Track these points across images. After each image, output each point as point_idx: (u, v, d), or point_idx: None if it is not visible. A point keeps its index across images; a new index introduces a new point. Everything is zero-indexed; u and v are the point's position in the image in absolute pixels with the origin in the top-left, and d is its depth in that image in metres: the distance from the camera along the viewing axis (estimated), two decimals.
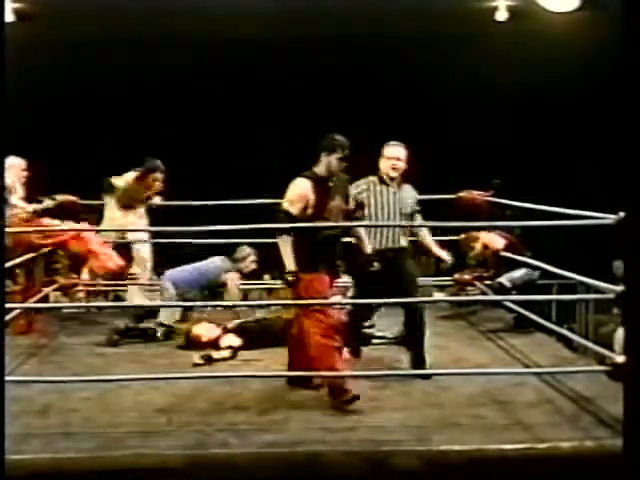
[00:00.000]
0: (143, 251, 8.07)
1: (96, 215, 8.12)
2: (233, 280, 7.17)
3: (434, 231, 7.39)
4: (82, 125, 7.91)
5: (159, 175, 7.76)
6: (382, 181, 5.98)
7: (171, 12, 8.96)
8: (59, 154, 9.83)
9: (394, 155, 6.01)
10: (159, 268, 8.15)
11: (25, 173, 7.70)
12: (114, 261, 7.18)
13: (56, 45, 9.68)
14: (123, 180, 7.76)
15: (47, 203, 7.62)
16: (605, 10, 8.24)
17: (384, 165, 6.00)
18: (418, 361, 5.73)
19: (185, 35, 9.71)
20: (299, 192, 5.19)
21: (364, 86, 11.89)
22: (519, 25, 9.75)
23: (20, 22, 9.04)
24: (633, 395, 3.47)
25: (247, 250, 7.25)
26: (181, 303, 7.07)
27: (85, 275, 7.75)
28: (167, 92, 11.77)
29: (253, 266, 7.32)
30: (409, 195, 6.06)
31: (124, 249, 7.83)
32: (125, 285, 8.19)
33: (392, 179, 5.99)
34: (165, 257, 10.94)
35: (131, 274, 8.22)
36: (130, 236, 8.02)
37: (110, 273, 7.51)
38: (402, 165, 6.00)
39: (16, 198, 7.40)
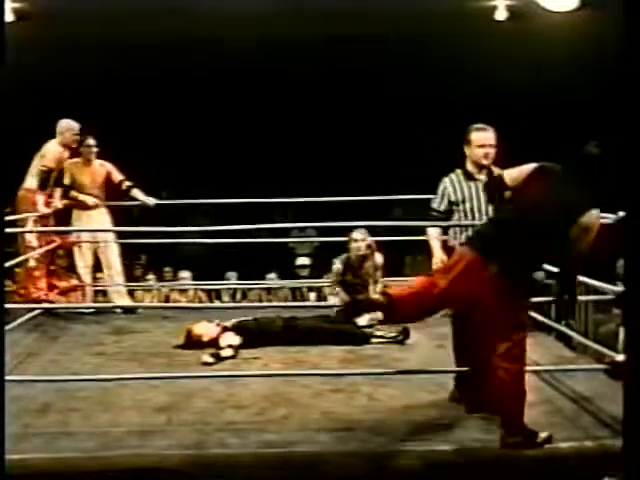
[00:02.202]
0: (110, 254, 8.05)
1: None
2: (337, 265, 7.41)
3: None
4: (82, 124, 7.90)
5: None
6: (468, 174, 5.16)
7: (171, 12, 8.95)
8: None
9: (484, 142, 5.14)
10: None
11: (77, 137, 7.75)
12: None
13: (56, 44, 9.67)
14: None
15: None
16: (605, 10, 8.23)
17: (472, 154, 5.14)
18: None
19: (186, 35, 9.70)
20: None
21: (363, 86, 11.90)
22: (519, 25, 9.75)
23: (20, 22, 9.03)
24: (633, 395, 3.46)
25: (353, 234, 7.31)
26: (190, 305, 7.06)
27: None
28: (167, 91, 11.77)
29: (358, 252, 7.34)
30: None
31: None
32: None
33: (482, 169, 5.14)
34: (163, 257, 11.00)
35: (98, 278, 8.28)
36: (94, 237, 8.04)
37: None
38: (493, 152, 5.16)
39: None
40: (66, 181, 7.91)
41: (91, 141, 7.95)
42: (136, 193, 8.04)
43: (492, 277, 4.33)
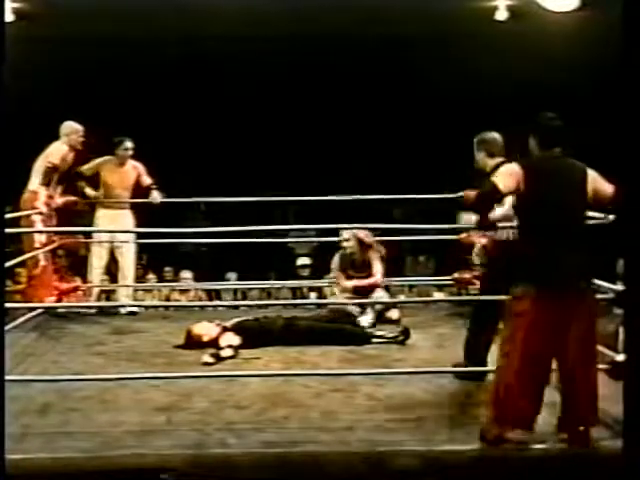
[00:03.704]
0: (126, 254, 8.04)
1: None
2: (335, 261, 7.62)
3: (435, 230, 7.40)
4: (82, 124, 7.90)
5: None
6: None
7: (173, 10, 8.94)
8: None
9: None
10: None
11: (82, 139, 7.71)
12: None
13: (56, 44, 9.67)
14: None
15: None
16: (605, 10, 8.22)
17: None
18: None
19: (187, 34, 9.70)
20: None
21: (363, 86, 11.90)
22: (519, 25, 9.74)
23: (20, 21, 9.03)
24: (633, 395, 3.46)
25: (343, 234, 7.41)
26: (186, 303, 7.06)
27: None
28: (168, 89, 11.77)
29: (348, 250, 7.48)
30: None
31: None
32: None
33: None
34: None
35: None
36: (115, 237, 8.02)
37: None
38: None
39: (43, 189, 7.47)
40: (84, 168, 7.89)
41: (129, 144, 7.91)
42: (152, 193, 8.04)
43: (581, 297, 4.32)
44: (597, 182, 4.39)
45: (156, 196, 7.98)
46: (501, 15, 9.80)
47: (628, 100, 3.60)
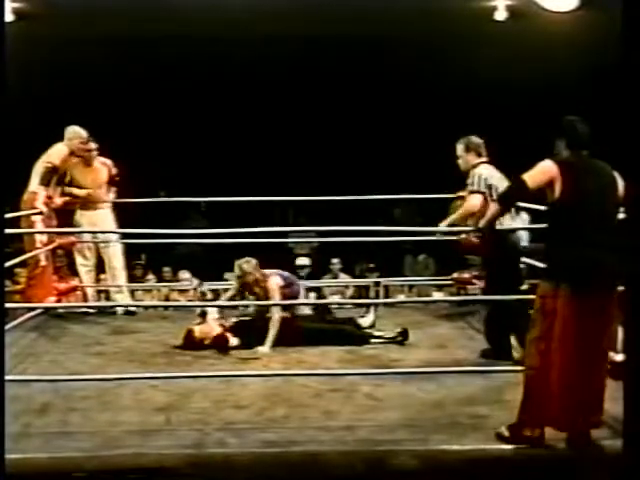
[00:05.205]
0: (112, 253, 8.03)
1: None
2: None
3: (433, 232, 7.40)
4: (82, 124, 7.89)
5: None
6: None
7: (173, 10, 8.95)
8: None
9: None
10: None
11: (85, 146, 7.71)
12: None
13: (56, 43, 9.67)
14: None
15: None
16: (605, 10, 8.23)
17: None
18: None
19: (186, 33, 9.70)
20: None
21: (363, 86, 11.90)
22: (518, 24, 9.75)
23: (19, 21, 9.04)
24: (633, 395, 3.46)
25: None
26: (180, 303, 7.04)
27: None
28: (168, 89, 11.78)
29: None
30: None
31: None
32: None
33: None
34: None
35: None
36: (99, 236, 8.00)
37: None
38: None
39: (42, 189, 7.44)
40: (65, 179, 7.90)
41: (92, 145, 7.90)
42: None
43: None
44: (620, 183, 4.40)
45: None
46: (500, 15, 9.81)
47: (628, 100, 3.60)
